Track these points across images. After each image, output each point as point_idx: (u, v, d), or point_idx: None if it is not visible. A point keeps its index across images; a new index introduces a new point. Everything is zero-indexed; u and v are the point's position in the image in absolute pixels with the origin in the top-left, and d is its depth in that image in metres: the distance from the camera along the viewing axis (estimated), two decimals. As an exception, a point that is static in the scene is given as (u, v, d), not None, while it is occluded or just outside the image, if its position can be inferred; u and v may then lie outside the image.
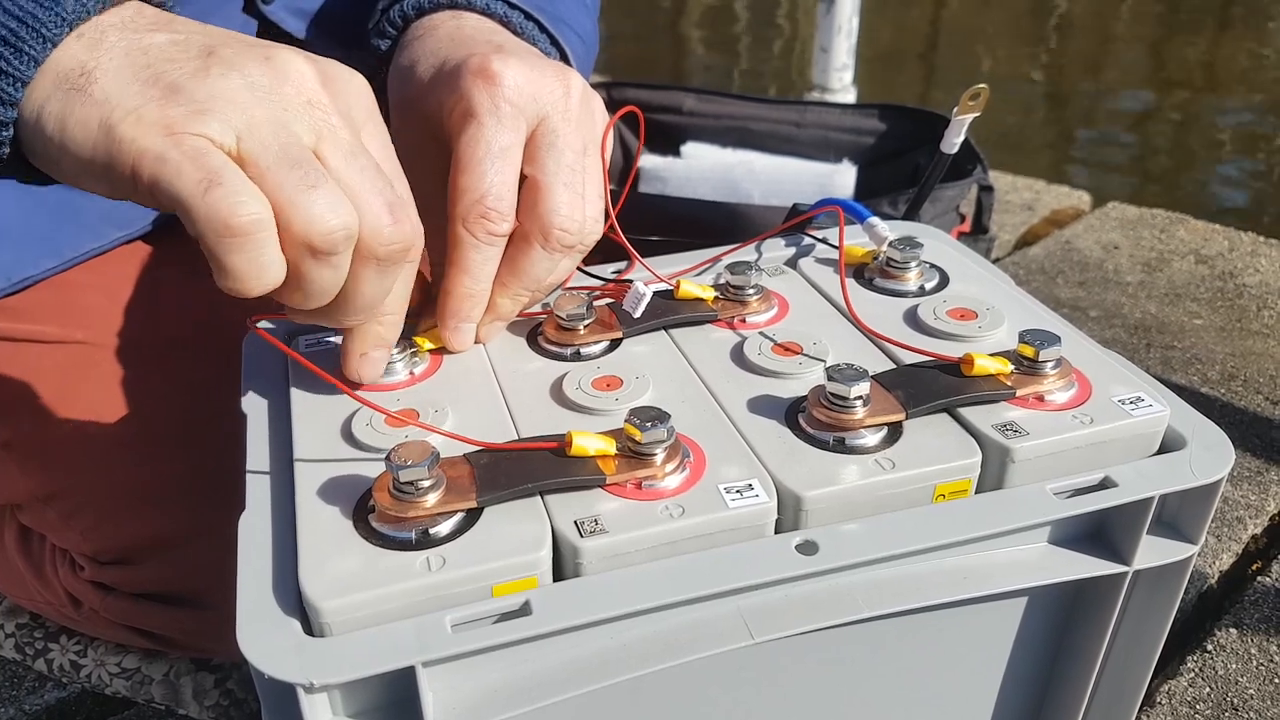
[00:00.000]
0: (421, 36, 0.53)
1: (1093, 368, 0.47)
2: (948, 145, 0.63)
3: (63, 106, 0.37)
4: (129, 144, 0.36)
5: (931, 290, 0.55)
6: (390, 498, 0.37)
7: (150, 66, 0.38)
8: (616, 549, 0.38)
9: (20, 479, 0.67)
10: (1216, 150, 2.65)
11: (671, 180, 1.32)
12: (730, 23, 4.06)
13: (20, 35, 0.37)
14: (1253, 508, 0.97)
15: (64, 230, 0.64)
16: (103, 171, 0.37)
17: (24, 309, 0.64)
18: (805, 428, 0.43)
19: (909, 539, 0.39)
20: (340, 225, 0.38)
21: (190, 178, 0.36)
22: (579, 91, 0.49)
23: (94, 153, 0.37)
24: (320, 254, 0.38)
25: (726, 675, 0.42)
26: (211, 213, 0.36)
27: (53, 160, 0.39)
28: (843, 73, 1.81)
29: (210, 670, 0.76)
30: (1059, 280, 1.40)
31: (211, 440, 0.61)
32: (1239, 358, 1.21)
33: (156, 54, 0.38)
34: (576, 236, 0.48)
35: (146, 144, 0.36)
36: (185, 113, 0.37)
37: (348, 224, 0.38)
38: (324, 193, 0.38)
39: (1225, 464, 0.43)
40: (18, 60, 0.37)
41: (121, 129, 0.36)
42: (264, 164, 0.37)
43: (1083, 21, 3.94)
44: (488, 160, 0.46)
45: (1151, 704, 0.78)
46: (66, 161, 0.38)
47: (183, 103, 0.37)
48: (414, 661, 0.34)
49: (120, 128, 0.36)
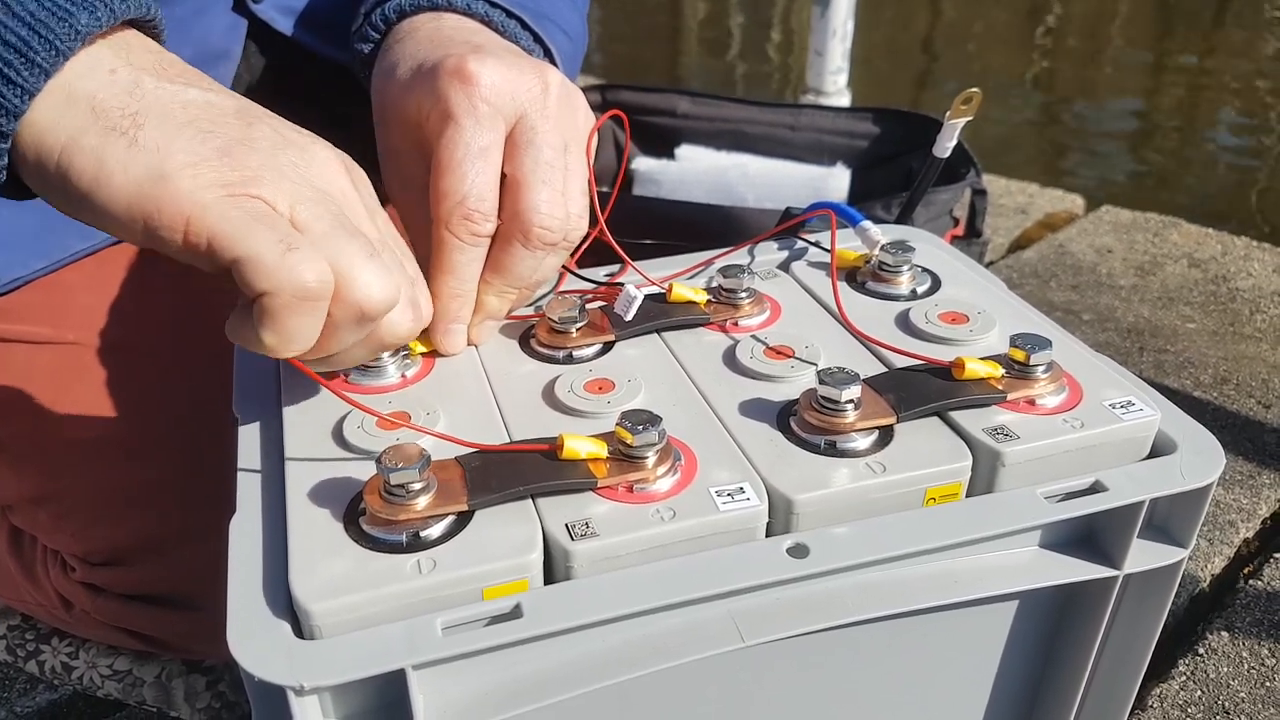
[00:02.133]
0: (402, 39, 0.53)
1: (1084, 372, 0.47)
2: (940, 149, 0.64)
3: (101, 145, 0.36)
4: (185, 197, 0.36)
5: (923, 294, 0.55)
6: (381, 500, 0.37)
7: (194, 123, 0.38)
8: (607, 552, 0.38)
9: (11, 480, 0.67)
10: (1210, 154, 2.66)
11: (666, 183, 1.32)
12: (725, 26, 4.07)
13: (31, 45, 0.36)
14: (1244, 511, 0.97)
15: (53, 231, 0.64)
16: (138, 218, 0.37)
17: (15, 310, 0.64)
18: (796, 431, 0.43)
19: (900, 542, 0.39)
20: (393, 296, 0.40)
21: (266, 239, 0.36)
22: (557, 88, 0.49)
23: (135, 199, 0.36)
24: (366, 320, 0.40)
25: (717, 678, 0.42)
26: (291, 275, 0.36)
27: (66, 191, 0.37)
28: (837, 76, 1.81)
29: (202, 672, 0.76)
30: (1052, 284, 1.40)
31: (203, 442, 0.61)
32: (1231, 362, 1.22)
33: (197, 112, 0.38)
34: (559, 234, 0.48)
35: (207, 200, 0.36)
36: (243, 176, 0.37)
37: (396, 296, 0.40)
38: (380, 263, 0.39)
39: (1216, 468, 0.43)
40: (27, 71, 0.36)
41: (178, 182, 0.36)
42: (319, 232, 0.38)
43: (1077, 25, 3.95)
44: (467, 161, 0.46)
45: (1143, 707, 0.78)
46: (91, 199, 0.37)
47: (237, 166, 0.37)
48: (404, 664, 0.34)
49: (177, 180, 0.36)
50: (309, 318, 0.38)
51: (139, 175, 0.36)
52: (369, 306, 0.39)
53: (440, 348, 0.49)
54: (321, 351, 0.40)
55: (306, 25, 0.68)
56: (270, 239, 0.36)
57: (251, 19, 0.66)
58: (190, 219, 0.36)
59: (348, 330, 0.40)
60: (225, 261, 0.37)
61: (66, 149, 0.37)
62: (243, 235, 0.36)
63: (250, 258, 0.36)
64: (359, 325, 0.40)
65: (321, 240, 0.38)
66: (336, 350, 0.41)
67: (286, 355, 0.39)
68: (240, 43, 0.66)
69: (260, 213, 0.37)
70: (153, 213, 0.36)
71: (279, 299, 0.37)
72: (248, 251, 0.36)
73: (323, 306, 0.38)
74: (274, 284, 0.36)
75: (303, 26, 0.68)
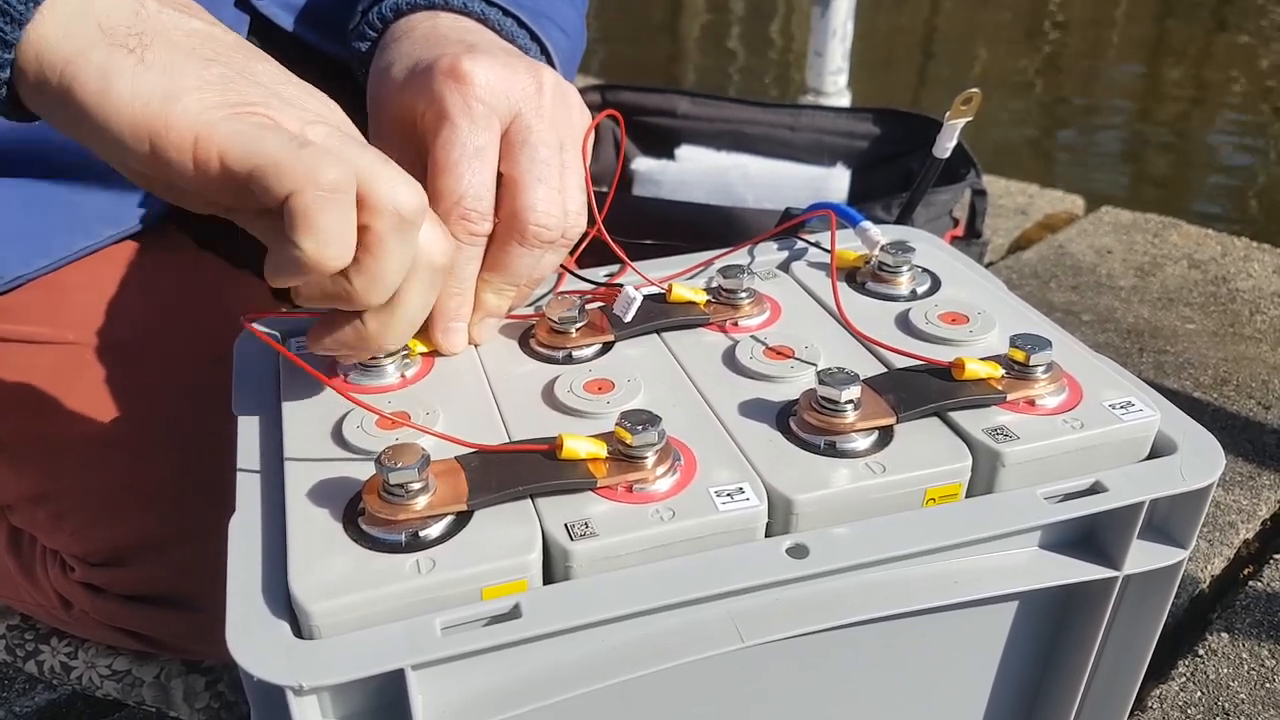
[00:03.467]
0: (399, 39, 0.53)
1: (1084, 372, 0.47)
2: (940, 150, 0.63)
3: (107, 61, 0.36)
4: (194, 115, 0.36)
5: (923, 294, 0.55)
6: (380, 500, 0.37)
7: (198, 50, 0.38)
8: (607, 552, 0.38)
9: (10, 480, 0.67)
10: (1210, 155, 2.66)
11: (666, 183, 1.32)
12: (725, 26, 4.07)
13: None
14: (1245, 512, 0.97)
15: (56, 228, 0.64)
16: (143, 137, 0.37)
17: (15, 309, 0.64)
18: (796, 431, 0.43)
19: (899, 543, 0.39)
20: (422, 197, 0.39)
21: (277, 140, 0.36)
22: (552, 86, 0.49)
23: (142, 117, 0.36)
24: (406, 225, 0.39)
25: (717, 679, 0.42)
26: (308, 167, 0.36)
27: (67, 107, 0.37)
28: (837, 76, 1.81)
29: (201, 672, 0.76)
30: (1052, 284, 1.40)
31: (202, 442, 0.61)
32: (1231, 362, 1.22)
33: (200, 40, 0.39)
34: (556, 231, 0.48)
35: (214, 118, 0.36)
36: (249, 99, 0.38)
37: (424, 198, 0.40)
38: (398, 169, 0.39)
39: (1216, 469, 0.43)
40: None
41: (185, 102, 0.36)
42: (332, 146, 0.38)
43: (1077, 26, 3.95)
44: (463, 162, 0.46)
45: (1143, 708, 0.78)
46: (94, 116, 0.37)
47: (243, 91, 0.38)
48: (403, 664, 0.34)
49: (184, 99, 0.36)
50: (338, 211, 0.37)
51: (146, 93, 0.36)
52: (404, 208, 0.39)
53: (441, 347, 0.49)
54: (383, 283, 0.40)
55: (307, 22, 0.68)
56: (281, 141, 0.36)
57: (254, 14, 0.66)
58: (199, 137, 0.36)
59: (394, 242, 0.39)
60: (240, 175, 0.37)
61: (71, 63, 0.37)
62: (254, 144, 0.36)
63: (265, 162, 0.36)
64: (402, 234, 0.39)
65: (336, 152, 0.38)
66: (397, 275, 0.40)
67: (331, 262, 0.37)
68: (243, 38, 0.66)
69: (269, 124, 0.37)
70: (160, 131, 0.36)
71: (304, 195, 0.36)
72: (261, 158, 0.36)
73: (349, 201, 0.37)
74: (295, 181, 0.36)
75: (303, 23, 0.68)
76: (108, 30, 0.37)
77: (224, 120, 0.37)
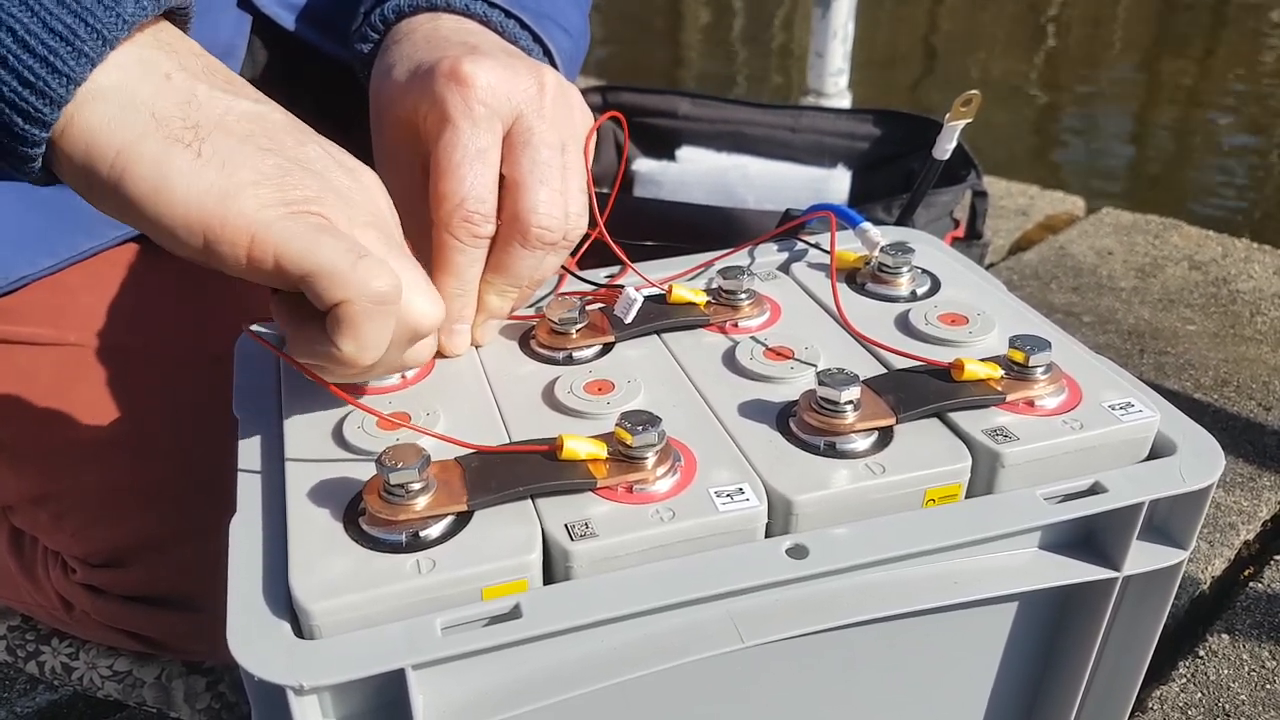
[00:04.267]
0: (400, 41, 0.53)
1: (1083, 373, 0.47)
2: (940, 151, 0.64)
3: (164, 155, 0.36)
4: (251, 214, 0.36)
5: (923, 295, 0.55)
6: (380, 500, 0.38)
7: (252, 138, 0.38)
8: (607, 552, 0.38)
9: (12, 480, 0.67)
10: (1210, 156, 2.66)
11: (666, 184, 1.32)
12: (726, 27, 4.07)
13: (77, 33, 0.35)
14: (1245, 513, 0.97)
15: (60, 229, 0.64)
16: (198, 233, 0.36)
17: (17, 310, 0.64)
18: (796, 432, 0.43)
19: (899, 543, 0.39)
20: (441, 318, 0.42)
21: (337, 249, 0.37)
22: (554, 88, 0.49)
23: (197, 214, 0.36)
24: (415, 339, 0.41)
25: (717, 679, 0.42)
26: (365, 280, 0.37)
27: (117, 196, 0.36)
28: (838, 77, 1.81)
29: (202, 673, 0.76)
30: (1053, 286, 1.40)
31: (203, 443, 0.61)
32: (1232, 364, 1.22)
33: (251, 125, 0.39)
34: (558, 233, 0.48)
35: (270, 217, 0.36)
36: (304, 195, 0.38)
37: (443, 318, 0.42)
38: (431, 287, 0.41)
39: (1215, 469, 0.43)
40: (73, 60, 0.35)
41: (242, 200, 0.36)
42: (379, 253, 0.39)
43: (1077, 27, 3.95)
44: (465, 164, 0.46)
45: (1143, 709, 0.78)
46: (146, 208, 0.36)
47: (298, 185, 0.38)
48: (404, 664, 0.34)
49: (241, 198, 0.36)
50: (383, 322, 0.38)
51: (202, 190, 0.36)
52: (423, 324, 0.41)
53: (443, 348, 0.49)
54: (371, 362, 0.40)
55: (309, 22, 0.68)
56: (340, 248, 0.37)
57: (256, 15, 0.66)
58: (255, 237, 0.36)
59: (397, 348, 0.41)
60: (295, 276, 0.37)
61: (123, 153, 0.36)
62: (312, 248, 0.36)
63: (323, 269, 0.36)
64: (407, 342, 0.41)
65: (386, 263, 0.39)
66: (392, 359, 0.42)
67: (363, 364, 0.39)
68: (245, 38, 0.66)
69: (324, 226, 0.38)
70: (215, 229, 0.36)
71: (355, 306, 0.37)
72: (320, 263, 0.36)
73: (394, 313, 0.38)
74: (350, 292, 0.37)
75: (305, 23, 0.68)
76: (162, 120, 0.36)
77: (279, 220, 0.37)
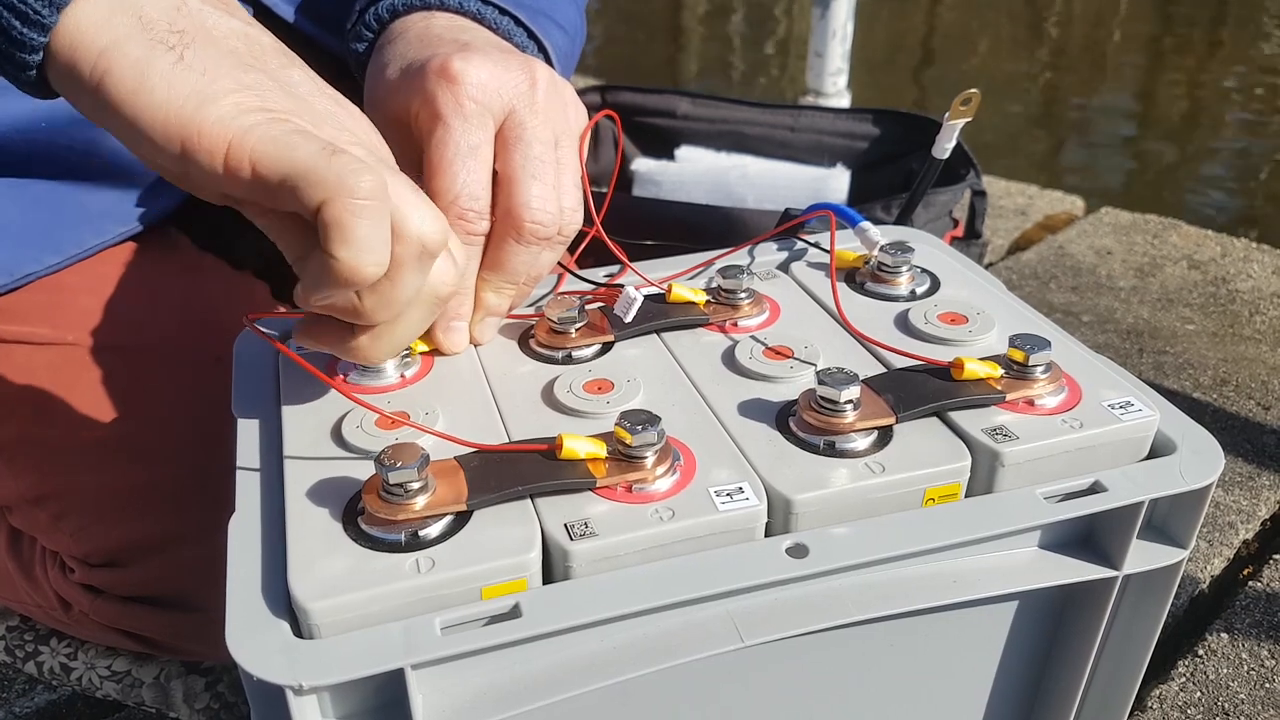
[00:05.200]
0: (394, 39, 0.53)
1: (1083, 372, 0.47)
2: (939, 150, 0.64)
3: (147, 57, 0.36)
4: (229, 120, 0.36)
5: (922, 295, 0.55)
6: (379, 500, 0.37)
7: (236, 53, 0.38)
8: (606, 552, 0.38)
9: (10, 481, 0.67)
10: (1210, 156, 2.66)
11: (666, 184, 1.32)
12: (726, 27, 4.07)
13: None
14: (1244, 513, 0.97)
15: (65, 225, 0.64)
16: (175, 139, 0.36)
17: (15, 310, 0.64)
18: (796, 431, 0.43)
19: (898, 543, 0.39)
20: (445, 229, 0.40)
21: (310, 147, 0.36)
22: (545, 83, 0.49)
23: (176, 119, 0.36)
24: (427, 256, 0.39)
25: (716, 678, 0.42)
26: (341, 174, 0.36)
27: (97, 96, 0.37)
28: (837, 77, 1.81)
29: (201, 673, 0.76)
30: (1052, 285, 1.40)
31: (202, 443, 0.61)
32: (1231, 363, 1.22)
33: (238, 42, 0.38)
34: (552, 228, 0.48)
35: (248, 123, 0.36)
36: (285, 107, 0.37)
37: (447, 229, 0.40)
38: (425, 198, 0.39)
39: (1215, 469, 0.43)
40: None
41: (221, 106, 0.36)
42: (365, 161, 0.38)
43: (1076, 26, 3.95)
44: (458, 161, 0.46)
45: (1143, 708, 0.78)
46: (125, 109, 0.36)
47: (280, 99, 0.38)
48: (403, 664, 0.34)
49: (220, 104, 0.36)
50: (373, 221, 0.37)
51: (182, 94, 0.36)
52: (428, 239, 0.39)
53: (442, 346, 0.49)
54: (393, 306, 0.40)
55: (307, 14, 0.68)
56: (314, 147, 0.36)
57: (256, 5, 0.66)
58: (232, 143, 0.36)
59: (411, 269, 0.39)
60: (271, 181, 0.36)
61: (107, 53, 0.36)
62: (287, 150, 0.36)
63: (299, 169, 0.36)
64: (420, 264, 0.39)
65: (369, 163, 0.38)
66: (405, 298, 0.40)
67: (367, 269, 0.37)
68: None
69: (301, 129, 0.37)
70: (193, 135, 0.36)
71: (338, 204, 0.36)
72: (294, 164, 0.36)
73: (384, 210, 0.37)
74: (330, 188, 0.36)
75: (303, 14, 0.68)
76: (148, 24, 0.36)
77: (257, 126, 0.36)
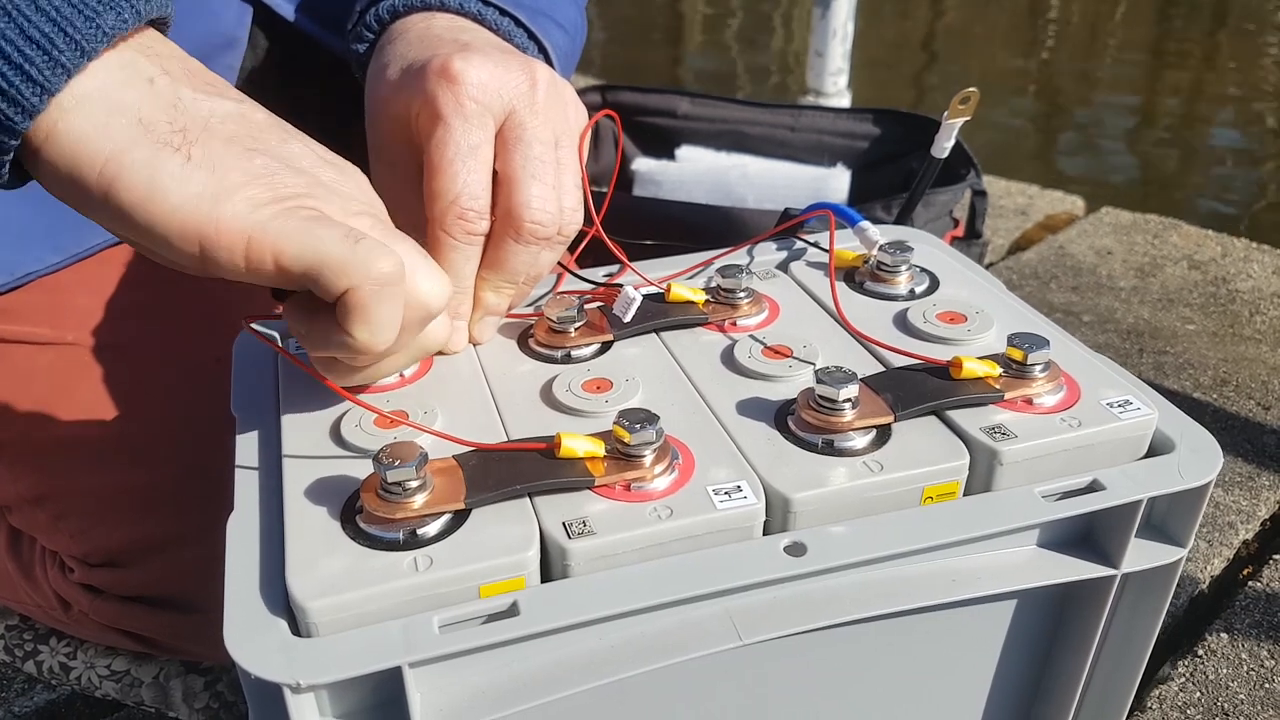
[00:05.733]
0: (394, 40, 0.53)
1: (1081, 371, 0.47)
2: (938, 149, 0.64)
3: (153, 161, 0.35)
4: (245, 216, 0.36)
5: (921, 294, 0.55)
6: (378, 498, 0.37)
7: (236, 139, 0.38)
8: (605, 550, 0.38)
9: (10, 481, 0.67)
10: (1210, 156, 2.66)
11: (666, 183, 1.32)
12: (726, 27, 4.07)
13: (55, 43, 0.34)
14: (1244, 513, 0.97)
15: (67, 225, 0.64)
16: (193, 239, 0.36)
17: (15, 310, 0.64)
18: (794, 430, 0.43)
19: (897, 541, 0.39)
20: (448, 293, 0.41)
21: (332, 236, 0.37)
22: (545, 83, 0.49)
23: (191, 219, 0.36)
24: (428, 319, 0.41)
25: (714, 677, 0.42)
26: (366, 261, 0.37)
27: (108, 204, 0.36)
28: (837, 77, 1.81)
29: (200, 673, 0.76)
30: (1052, 285, 1.40)
31: (201, 443, 0.61)
32: (1231, 363, 1.22)
33: (235, 126, 0.38)
34: (551, 228, 0.48)
35: (263, 217, 0.36)
36: (294, 191, 0.38)
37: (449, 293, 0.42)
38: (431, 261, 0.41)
39: (1213, 467, 0.43)
40: (49, 70, 0.34)
41: (235, 203, 0.36)
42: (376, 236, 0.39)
43: (1076, 26, 3.95)
44: (458, 161, 0.46)
45: (1142, 708, 0.78)
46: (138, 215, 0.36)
47: (287, 182, 0.38)
48: (401, 662, 0.34)
49: (233, 200, 0.36)
50: (393, 304, 0.38)
51: (195, 194, 0.36)
52: (432, 303, 0.40)
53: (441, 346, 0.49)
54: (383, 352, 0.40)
55: (309, 14, 0.68)
56: (335, 237, 0.37)
57: (258, 5, 0.66)
58: (251, 238, 0.36)
59: (411, 331, 0.41)
60: (296, 274, 0.37)
61: (112, 161, 0.35)
62: (310, 242, 0.36)
63: (324, 260, 0.36)
64: (420, 325, 0.41)
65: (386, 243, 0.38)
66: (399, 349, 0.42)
67: (378, 348, 0.39)
68: (247, 29, 0.66)
69: (318, 218, 0.37)
70: (210, 235, 0.36)
71: (363, 290, 0.37)
72: (317, 255, 0.36)
73: (402, 293, 0.38)
74: (355, 278, 0.37)
75: (305, 14, 0.68)
76: (149, 125, 0.36)
77: (274, 219, 0.36)
